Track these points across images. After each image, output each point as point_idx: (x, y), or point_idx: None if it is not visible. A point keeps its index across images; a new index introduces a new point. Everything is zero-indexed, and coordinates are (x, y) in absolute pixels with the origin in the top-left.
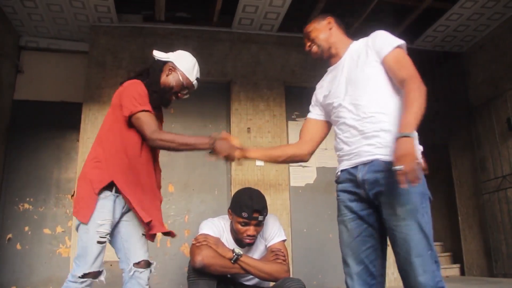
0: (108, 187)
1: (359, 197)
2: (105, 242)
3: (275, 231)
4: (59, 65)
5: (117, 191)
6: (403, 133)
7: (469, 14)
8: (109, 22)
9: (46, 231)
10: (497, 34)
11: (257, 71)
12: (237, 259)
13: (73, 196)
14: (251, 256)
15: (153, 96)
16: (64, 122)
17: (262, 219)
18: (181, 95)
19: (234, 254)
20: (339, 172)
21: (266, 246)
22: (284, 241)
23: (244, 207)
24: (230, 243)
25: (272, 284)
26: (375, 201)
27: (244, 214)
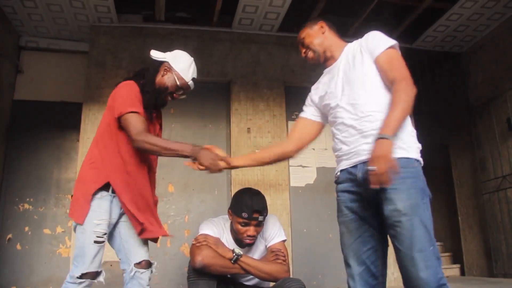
0: (104, 187)
1: (360, 197)
2: (102, 242)
3: (275, 231)
4: (59, 65)
5: (114, 191)
6: (382, 135)
7: (469, 14)
8: (109, 22)
9: (46, 231)
10: (497, 34)
11: (257, 71)
12: (237, 259)
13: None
14: (251, 256)
15: (146, 97)
16: (64, 122)
17: (262, 219)
18: (177, 95)
19: (234, 254)
20: (338, 172)
21: (266, 246)
22: (284, 241)
23: (244, 207)
24: (230, 243)
25: (272, 284)
26: (376, 198)
27: (244, 215)
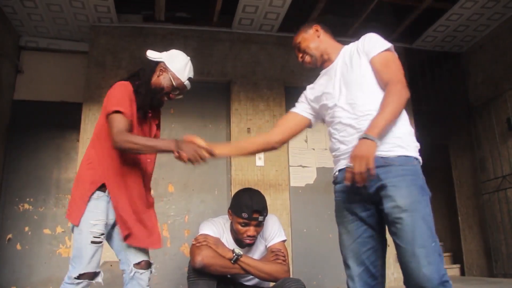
0: (101, 188)
1: (359, 197)
2: (99, 243)
3: (275, 231)
4: (59, 65)
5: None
6: (366, 135)
7: (469, 14)
8: (109, 22)
9: (46, 231)
10: (497, 34)
11: (257, 71)
12: (237, 259)
13: None
14: (251, 256)
15: (140, 97)
16: (64, 122)
17: (262, 220)
18: (173, 95)
19: (234, 254)
20: (336, 172)
21: (266, 246)
22: (284, 241)
23: (244, 207)
24: (230, 243)
25: (272, 284)
26: (376, 196)
27: (244, 215)
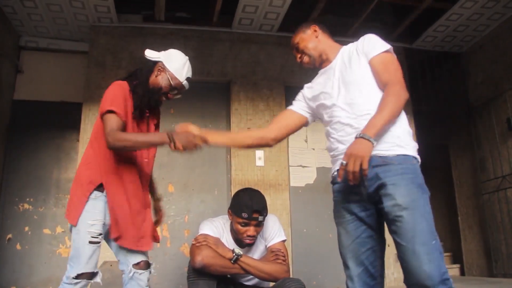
0: (99, 188)
1: (358, 197)
2: (97, 243)
3: (275, 231)
4: (59, 65)
5: None
6: (363, 134)
7: (469, 14)
8: (109, 22)
9: (46, 231)
10: (496, 34)
11: (257, 71)
12: (237, 259)
13: None
14: (251, 256)
15: (137, 97)
16: (64, 122)
17: (262, 220)
18: (171, 95)
19: (234, 254)
20: (335, 172)
21: (266, 246)
22: (284, 241)
23: (244, 207)
24: (230, 243)
25: (272, 284)
26: (375, 196)
27: (244, 215)
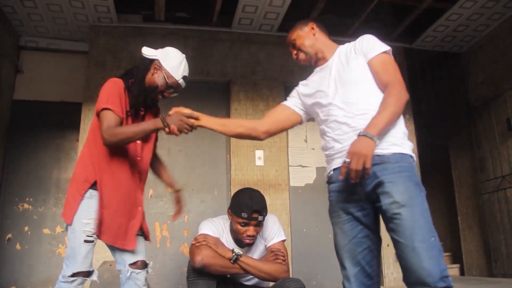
0: (94, 186)
1: (355, 196)
2: (93, 242)
3: (275, 231)
4: (58, 65)
5: None
6: (366, 133)
7: (469, 14)
8: (108, 22)
9: (46, 231)
10: (496, 34)
11: (256, 71)
12: (236, 259)
13: None
14: (250, 256)
15: (132, 96)
16: (64, 122)
17: (262, 220)
18: (167, 94)
19: (233, 254)
20: (331, 172)
21: (265, 246)
22: (283, 241)
23: (244, 207)
24: (230, 243)
25: (271, 284)
26: (373, 194)
27: (244, 215)
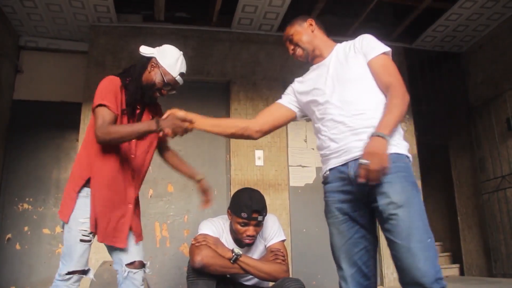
0: (89, 184)
1: (351, 197)
2: (89, 241)
3: (275, 231)
4: (58, 65)
5: None
6: (379, 133)
7: (469, 14)
8: (108, 22)
9: (46, 231)
10: (496, 34)
11: (256, 71)
12: (236, 259)
13: None
14: (250, 256)
15: (128, 94)
16: (64, 122)
17: (262, 219)
18: (165, 91)
19: (233, 254)
20: (327, 172)
21: (265, 246)
22: (283, 241)
23: (244, 207)
24: (230, 243)
25: (271, 284)
26: (369, 195)
27: (244, 215)
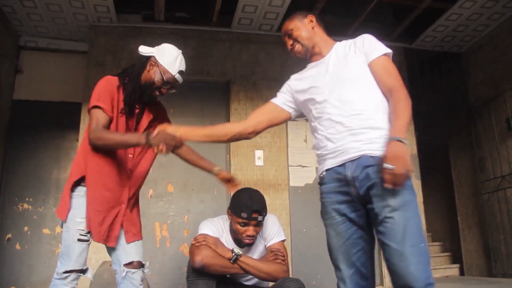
0: (83, 183)
1: (348, 197)
2: (87, 241)
3: (275, 231)
4: (58, 65)
5: None
6: (397, 137)
7: (469, 14)
8: (108, 22)
9: (46, 231)
10: (496, 34)
11: (256, 71)
12: (236, 259)
13: None
14: (250, 256)
15: (126, 94)
16: (64, 122)
17: (262, 220)
18: (164, 90)
19: (233, 254)
20: (324, 173)
21: (265, 246)
22: (283, 241)
23: (244, 207)
24: (230, 243)
25: (271, 284)
26: (366, 196)
27: (244, 215)
